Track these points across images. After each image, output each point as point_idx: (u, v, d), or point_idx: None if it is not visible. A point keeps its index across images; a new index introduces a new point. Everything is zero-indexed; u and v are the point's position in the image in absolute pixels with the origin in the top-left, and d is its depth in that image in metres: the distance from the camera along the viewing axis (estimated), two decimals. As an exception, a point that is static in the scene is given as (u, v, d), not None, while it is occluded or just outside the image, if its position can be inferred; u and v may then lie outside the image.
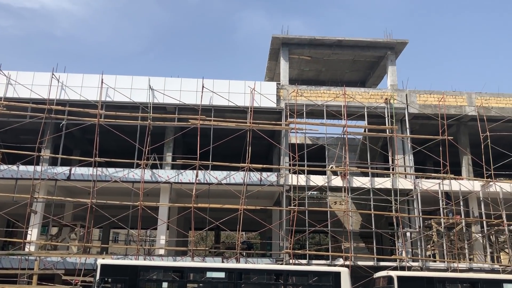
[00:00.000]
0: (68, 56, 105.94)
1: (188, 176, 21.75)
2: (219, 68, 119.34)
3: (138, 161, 21.50)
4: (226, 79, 23.85)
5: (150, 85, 22.98)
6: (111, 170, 21.63)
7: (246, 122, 22.47)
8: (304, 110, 23.40)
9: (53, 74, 22.59)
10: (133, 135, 21.96)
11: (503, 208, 22.37)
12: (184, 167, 22.76)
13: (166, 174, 21.91)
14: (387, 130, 23.61)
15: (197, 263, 18.92)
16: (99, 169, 21.44)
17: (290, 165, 22.50)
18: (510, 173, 24.10)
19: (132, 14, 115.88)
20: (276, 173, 22.51)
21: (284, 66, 25.59)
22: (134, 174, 21.50)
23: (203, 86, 22.77)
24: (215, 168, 22.18)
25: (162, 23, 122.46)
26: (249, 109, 22.70)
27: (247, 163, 21.62)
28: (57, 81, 22.62)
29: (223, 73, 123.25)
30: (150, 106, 22.46)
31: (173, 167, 23.43)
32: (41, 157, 21.49)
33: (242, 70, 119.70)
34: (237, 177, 21.79)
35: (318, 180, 22.74)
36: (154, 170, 21.95)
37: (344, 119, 23.37)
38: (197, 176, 21.38)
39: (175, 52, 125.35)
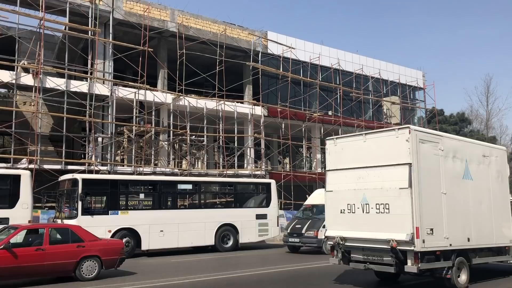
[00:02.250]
0: None
1: None
2: None
3: None
4: None
5: None
6: None
7: None
8: (-9, -10, 19.69)
9: None
10: None
11: (188, 120, 25.14)
12: None
13: None
14: (90, 32, 22.50)
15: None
16: None
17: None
18: (197, 90, 26.92)
19: None
20: None
21: None
22: None
23: None
24: None
25: None
26: None
27: None
28: None
29: None
30: None
31: None
32: None
33: None
34: None
35: (4, 76, 20.09)
36: None
37: (41, 11, 20.91)
38: None
39: None
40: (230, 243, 18.51)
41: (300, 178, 29.25)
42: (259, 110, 28.13)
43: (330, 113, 32.45)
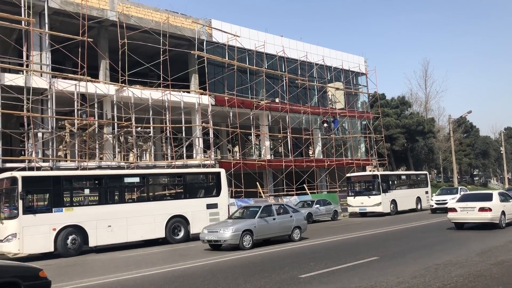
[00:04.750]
0: None
1: None
2: None
3: None
4: None
5: None
6: None
7: None
8: None
9: None
10: None
11: (133, 111, 24.56)
12: None
13: None
14: (23, 22, 21.34)
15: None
16: None
17: None
18: (142, 80, 26.33)
19: None
20: None
21: None
22: None
23: None
24: None
25: None
26: None
27: None
28: None
29: None
30: None
31: None
32: None
33: None
34: None
35: None
36: None
37: (-32, 0, 19.56)
38: None
39: None
40: (181, 234, 18.44)
41: (250, 166, 29.45)
42: (206, 100, 27.92)
43: (277, 100, 32.77)
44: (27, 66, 21.64)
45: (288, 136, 32.66)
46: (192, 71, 28.98)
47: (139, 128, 26.16)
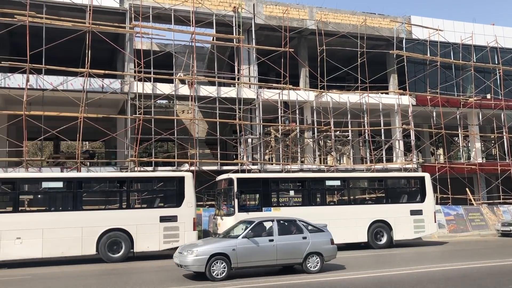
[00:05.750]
0: None
1: (17, 80, 19.46)
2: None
3: (-49, 61, 18.38)
4: (58, -30, 20.97)
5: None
6: None
7: (85, 23, 20.45)
8: (151, 13, 22.12)
9: None
10: None
11: (332, 116, 25.03)
12: (12, 70, 20.22)
13: (-11, 77, 19.26)
14: (234, 40, 23.85)
15: (30, 174, 17.63)
16: None
17: (135, 71, 21.57)
18: (339, 85, 26.62)
19: None
20: (120, 80, 21.44)
21: (128, -37, 23.40)
22: None
23: (31, -23, 19.77)
24: (50, 73, 20.17)
25: None
26: (88, 7, 20.59)
27: (87, 68, 20.06)
28: None
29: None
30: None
31: (-2, 70, 20.66)
32: None
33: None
34: (75, 83, 20.21)
35: (165, 89, 22.37)
36: (-27, 73, 19.09)
37: (192, 26, 22.79)
38: (27, 80, 19.23)
39: None
40: (384, 240, 17.87)
41: (457, 170, 26.94)
42: (406, 100, 26.71)
43: (488, 96, 29.27)
44: (238, 79, 24.09)
45: (504, 137, 28.83)
46: (391, 71, 28.06)
47: (338, 132, 26.53)
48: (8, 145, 21.75)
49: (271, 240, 11.43)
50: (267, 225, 11.88)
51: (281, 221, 12.06)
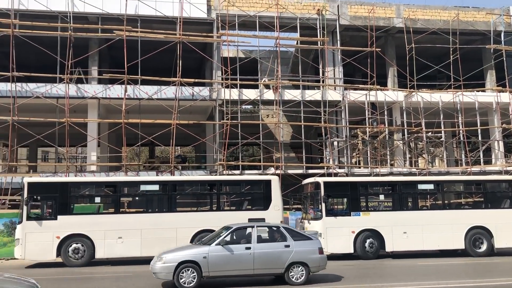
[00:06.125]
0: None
1: (116, 91, 20.99)
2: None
3: (61, 75, 20.29)
4: (152, -14, 22.33)
5: (68, -8, 21.10)
6: (31, 85, 20.36)
7: (175, 34, 21.57)
8: (236, 21, 22.74)
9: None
10: (54, 48, 20.47)
11: (423, 116, 23.92)
12: (112, 81, 21.86)
13: (93, 89, 21.01)
14: (319, 42, 23.73)
15: (130, 177, 18.92)
16: (18, 84, 20.10)
17: (222, 79, 22.28)
18: (430, 83, 25.40)
19: None
20: (208, 88, 22.28)
21: (214, -26, 24.30)
22: (58, 89, 20.41)
23: (127, -6, 21.27)
24: (145, 83, 21.55)
25: None
26: (178, 19, 21.68)
27: (178, 77, 21.11)
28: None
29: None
30: (70, 16, 20.82)
31: (100, 81, 22.43)
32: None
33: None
34: (168, 92, 21.35)
35: (250, 94, 22.83)
36: (79, 85, 20.92)
37: (276, 31, 23.05)
38: (126, 91, 20.67)
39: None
40: (484, 247, 16.62)
41: None
42: (506, 97, 24.78)
43: None
44: (323, 81, 23.93)
45: None
46: (488, 67, 26.20)
47: (430, 133, 25.28)
48: (109, 151, 23.53)
49: (248, 248, 10.54)
50: (247, 231, 11.03)
51: (262, 228, 11.29)
